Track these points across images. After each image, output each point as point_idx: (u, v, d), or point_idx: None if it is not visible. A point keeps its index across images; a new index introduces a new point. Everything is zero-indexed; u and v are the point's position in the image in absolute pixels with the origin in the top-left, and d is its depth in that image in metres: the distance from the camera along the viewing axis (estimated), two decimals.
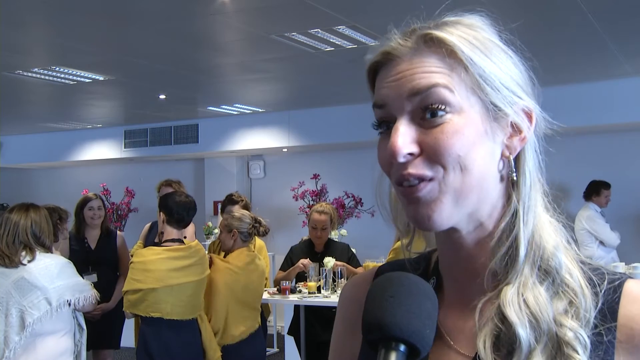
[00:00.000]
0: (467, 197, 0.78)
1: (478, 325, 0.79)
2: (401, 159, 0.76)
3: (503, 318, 0.77)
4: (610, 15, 4.54)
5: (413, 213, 0.79)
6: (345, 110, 7.52)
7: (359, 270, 5.09)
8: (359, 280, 0.99)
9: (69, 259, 3.98)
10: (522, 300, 0.77)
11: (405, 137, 0.76)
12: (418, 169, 0.77)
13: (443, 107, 0.76)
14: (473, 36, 0.79)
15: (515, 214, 0.80)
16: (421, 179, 0.77)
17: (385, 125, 0.81)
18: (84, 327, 3.63)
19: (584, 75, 6.42)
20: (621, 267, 5.17)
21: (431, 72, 0.77)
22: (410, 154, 0.77)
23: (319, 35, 4.79)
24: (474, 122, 0.77)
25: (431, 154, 0.76)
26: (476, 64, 0.77)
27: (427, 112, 0.77)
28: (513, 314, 0.76)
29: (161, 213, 3.91)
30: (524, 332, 0.75)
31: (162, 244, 3.90)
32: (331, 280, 5.11)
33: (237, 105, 7.92)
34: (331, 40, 4.92)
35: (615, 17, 4.60)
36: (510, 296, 0.77)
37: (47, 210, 3.69)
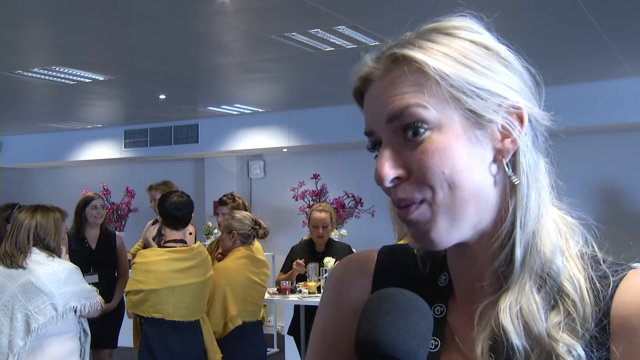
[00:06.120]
0: (463, 212, 0.77)
1: (477, 330, 0.78)
2: (388, 184, 0.77)
3: (500, 324, 0.76)
4: (611, 16, 4.54)
5: (413, 234, 0.80)
6: (345, 110, 7.51)
7: None
8: (354, 262, 0.95)
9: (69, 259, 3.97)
10: (519, 308, 0.76)
11: (389, 162, 0.77)
12: (407, 192, 0.77)
13: (420, 124, 0.75)
14: (447, 44, 0.77)
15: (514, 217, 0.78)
16: (412, 202, 0.76)
17: (379, 147, 0.81)
18: (89, 332, 3.62)
19: (584, 75, 6.41)
20: None
21: (403, 93, 0.76)
22: (398, 177, 0.77)
23: (319, 35, 4.79)
24: (456, 135, 0.76)
25: (417, 176, 0.76)
26: (447, 74, 0.75)
27: (409, 130, 0.76)
28: (507, 321, 0.75)
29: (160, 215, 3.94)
30: (518, 340, 0.74)
31: (164, 245, 3.90)
32: None
33: (237, 105, 7.92)
34: (331, 40, 4.92)
35: (615, 17, 4.60)
36: (506, 303, 0.76)
37: None
